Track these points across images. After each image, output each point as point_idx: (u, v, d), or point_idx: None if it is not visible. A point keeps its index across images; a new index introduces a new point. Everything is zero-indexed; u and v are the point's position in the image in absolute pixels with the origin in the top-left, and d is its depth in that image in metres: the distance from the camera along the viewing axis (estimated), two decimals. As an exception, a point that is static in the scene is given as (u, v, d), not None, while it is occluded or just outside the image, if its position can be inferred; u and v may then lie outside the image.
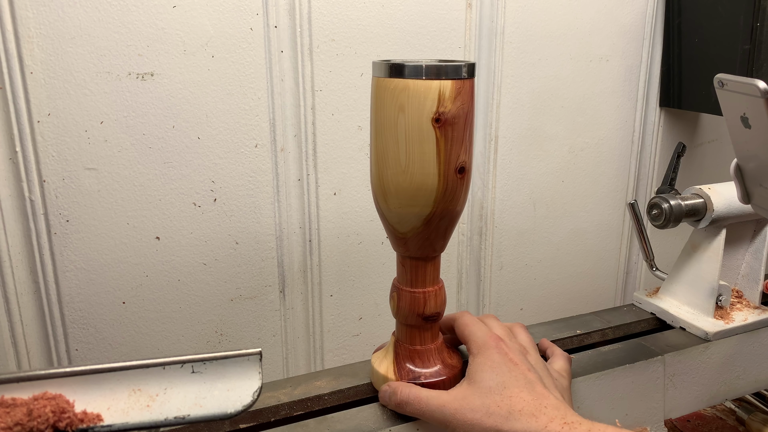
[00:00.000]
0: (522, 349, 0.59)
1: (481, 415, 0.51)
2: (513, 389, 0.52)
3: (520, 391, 0.52)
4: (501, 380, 0.53)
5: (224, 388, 0.45)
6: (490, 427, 0.50)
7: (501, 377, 0.53)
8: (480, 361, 0.55)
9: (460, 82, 0.52)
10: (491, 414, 0.51)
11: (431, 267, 0.60)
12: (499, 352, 0.55)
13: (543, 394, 0.52)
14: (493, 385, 0.52)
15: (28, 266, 0.71)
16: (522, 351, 0.58)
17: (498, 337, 0.57)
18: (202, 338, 0.81)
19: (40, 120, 0.67)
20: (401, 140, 0.53)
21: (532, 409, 0.50)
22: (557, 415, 0.50)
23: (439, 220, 0.56)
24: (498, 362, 0.54)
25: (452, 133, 0.53)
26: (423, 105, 0.52)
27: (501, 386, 0.52)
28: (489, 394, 0.52)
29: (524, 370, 0.54)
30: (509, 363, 0.54)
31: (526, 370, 0.54)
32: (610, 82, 1.00)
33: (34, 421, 0.41)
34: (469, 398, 0.52)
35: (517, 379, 0.53)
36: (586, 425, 0.49)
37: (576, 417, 0.50)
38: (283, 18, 0.75)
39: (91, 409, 0.43)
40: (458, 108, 0.53)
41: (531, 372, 0.54)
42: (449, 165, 0.54)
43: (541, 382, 0.54)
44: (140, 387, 0.44)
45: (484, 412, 0.51)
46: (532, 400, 0.51)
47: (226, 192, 0.78)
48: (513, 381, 0.53)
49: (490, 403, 0.51)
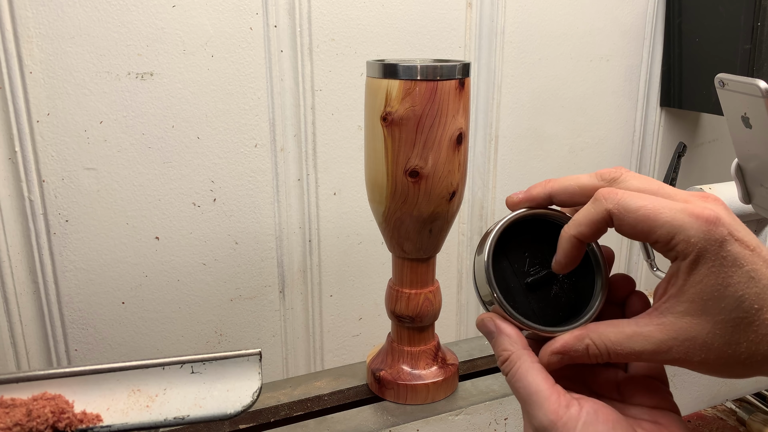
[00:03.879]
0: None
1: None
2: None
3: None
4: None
5: (224, 389, 0.45)
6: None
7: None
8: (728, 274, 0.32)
9: (410, 83, 0.51)
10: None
11: (424, 268, 0.59)
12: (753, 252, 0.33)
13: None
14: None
15: (27, 266, 0.71)
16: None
17: (717, 218, 0.33)
18: (201, 338, 0.81)
19: (39, 120, 0.67)
20: (368, 135, 0.55)
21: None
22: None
23: (399, 221, 0.56)
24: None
25: (400, 134, 0.52)
26: (374, 102, 0.53)
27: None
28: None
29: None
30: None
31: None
32: (611, 82, 0.99)
33: (34, 421, 0.41)
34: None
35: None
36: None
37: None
38: (282, 17, 0.75)
39: (90, 410, 0.43)
40: (407, 110, 0.52)
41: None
42: (397, 166, 0.53)
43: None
44: (140, 387, 0.44)
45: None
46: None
47: (225, 192, 0.78)
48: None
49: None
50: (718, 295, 0.32)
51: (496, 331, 0.38)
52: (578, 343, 0.36)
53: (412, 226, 0.56)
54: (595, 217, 0.35)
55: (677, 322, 0.34)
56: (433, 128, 0.52)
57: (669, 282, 0.35)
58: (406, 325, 0.61)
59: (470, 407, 0.61)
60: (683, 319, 0.34)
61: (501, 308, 0.38)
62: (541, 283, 0.39)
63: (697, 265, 0.33)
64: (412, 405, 0.61)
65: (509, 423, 0.63)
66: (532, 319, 0.38)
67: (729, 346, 0.33)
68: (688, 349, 0.33)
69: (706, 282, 0.33)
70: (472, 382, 0.65)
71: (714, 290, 0.33)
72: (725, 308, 0.32)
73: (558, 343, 0.37)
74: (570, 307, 0.39)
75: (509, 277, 0.39)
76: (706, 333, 0.33)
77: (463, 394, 0.63)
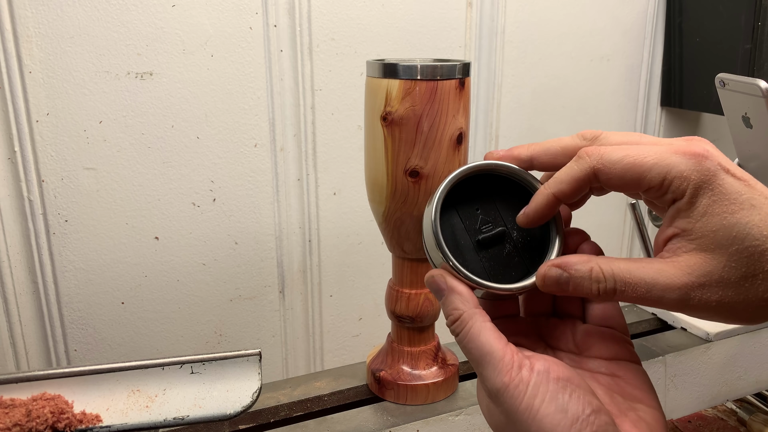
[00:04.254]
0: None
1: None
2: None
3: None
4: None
5: (223, 389, 0.45)
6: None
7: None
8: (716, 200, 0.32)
9: (410, 83, 0.51)
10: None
11: (425, 268, 0.59)
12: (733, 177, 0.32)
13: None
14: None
15: (26, 266, 0.71)
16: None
17: (706, 152, 0.33)
18: (201, 339, 0.81)
19: (38, 120, 0.67)
20: (368, 135, 0.55)
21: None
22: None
23: (399, 221, 0.56)
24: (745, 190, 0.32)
25: (400, 134, 0.52)
26: (374, 102, 0.53)
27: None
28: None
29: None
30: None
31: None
32: (611, 82, 0.99)
33: (33, 421, 0.41)
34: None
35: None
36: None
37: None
38: (282, 17, 0.75)
39: (90, 410, 0.43)
40: (407, 109, 0.52)
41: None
42: (397, 166, 0.53)
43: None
44: (139, 388, 0.44)
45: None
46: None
47: (225, 192, 0.77)
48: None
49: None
50: (726, 223, 0.31)
51: (447, 290, 0.36)
52: (582, 263, 0.34)
53: (412, 226, 0.56)
54: (579, 175, 0.34)
55: (691, 259, 0.32)
56: (433, 128, 0.52)
57: (671, 224, 0.33)
58: (406, 326, 0.61)
59: (470, 407, 0.61)
60: (697, 256, 0.32)
61: (449, 265, 0.36)
62: (492, 241, 0.37)
63: (698, 198, 0.32)
64: (412, 405, 0.60)
65: (509, 423, 0.63)
66: (483, 277, 0.36)
67: (746, 279, 0.31)
68: (704, 285, 0.32)
69: (711, 212, 0.32)
70: (473, 382, 0.65)
71: (722, 219, 0.31)
72: (737, 237, 0.31)
73: (560, 258, 0.35)
74: (523, 266, 0.38)
75: (459, 233, 0.37)
76: (722, 266, 0.31)
77: (463, 394, 0.63)
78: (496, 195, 0.38)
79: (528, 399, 0.32)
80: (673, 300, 0.32)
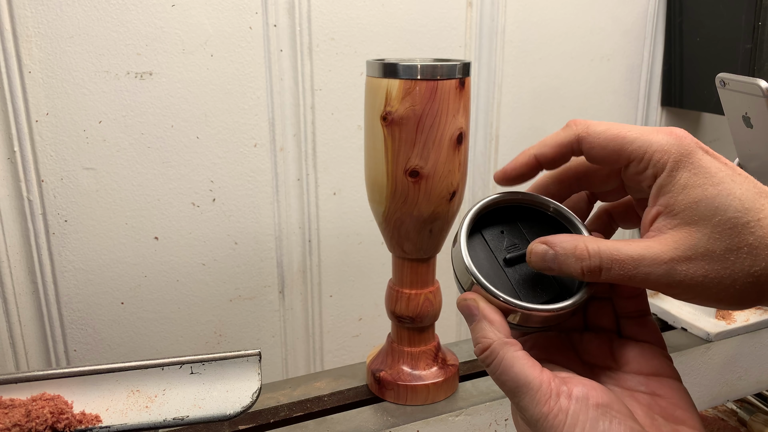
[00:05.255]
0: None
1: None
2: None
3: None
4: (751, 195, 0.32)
5: (223, 389, 0.45)
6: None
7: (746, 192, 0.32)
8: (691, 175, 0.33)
9: (410, 83, 0.51)
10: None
11: (425, 268, 0.59)
12: (709, 154, 0.34)
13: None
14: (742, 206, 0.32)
15: (26, 266, 0.71)
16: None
17: (685, 134, 0.35)
18: (200, 339, 0.81)
19: (38, 119, 0.67)
20: (368, 135, 0.55)
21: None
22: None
23: (399, 221, 0.56)
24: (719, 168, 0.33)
25: (400, 134, 0.52)
26: (374, 102, 0.53)
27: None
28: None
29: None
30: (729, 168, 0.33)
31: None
32: (612, 82, 0.99)
33: (33, 422, 0.41)
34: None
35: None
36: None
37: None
38: (282, 17, 0.75)
39: (89, 410, 0.43)
40: (407, 109, 0.52)
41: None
42: (397, 166, 0.53)
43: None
44: (139, 388, 0.44)
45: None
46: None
47: (225, 192, 0.77)
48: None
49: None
50: (708, 194, 0.32)
51: (479, 316, 0.35)
52: (567, 241, 0.34)
53: (412, 226, 0.56)
54: (563, 140, 0.35)
55: (676, 234, 0.33)
56: (434, 128, 0.52)
57: (654, 204, 0.34)
58: (406, 326, 0.61)
59: (470, 408, 0.61)
60: (682, 230, 0.32)
61: (483, 288, 0.35)
62: (520, 260, 0.37)
63: (678, 171, 0.33)
64: (412, 406, 0.60)
65: (509, 424, 0.63)
66: (516, 298, 0.35)
67: (731, 252, 0.31)
68: (690, 259, 0.32)
69: (692, 184, 0.32)
70: (473, 382, 0.65)
71: (703, 190, 0.32)
72: (719, 208, 0.32)
73: (547, 237, 0.35)
74: (555, 287, 0.37)
75: (487, 256, 0.37)
76: (707, 238, 0.32)
77: (463, 394, 0.63)
78: (518, 219, 0.39)
79: (568, 428, 0.31)
80: (659, 276, 0.32)
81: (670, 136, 0.34)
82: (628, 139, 0.34)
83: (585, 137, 0.35)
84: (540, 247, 0.35)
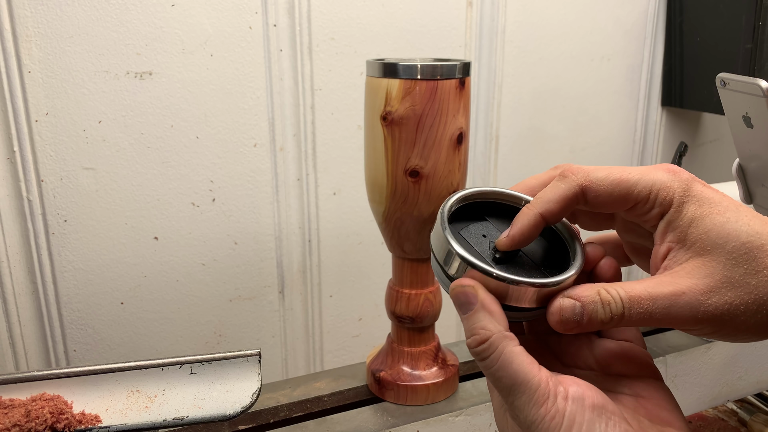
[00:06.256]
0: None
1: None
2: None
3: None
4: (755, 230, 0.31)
5: (223, 390, 0.45)
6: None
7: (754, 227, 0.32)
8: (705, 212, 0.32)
9: (410, 83, 0.51)
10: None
11: (425, 268, 0.59)
12: (714, 191, 0.34)
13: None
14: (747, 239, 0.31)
15: (26, 267, 0.71)
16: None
17: (679, 169, 0.35)
18: (200, 339, 0.81)
19: (38, 119, 0.67)
20: (368, 135, 0.55)
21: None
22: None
23: (399, 221, 0.56)
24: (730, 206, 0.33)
25: (400, 134, 0.52)
26: (374, 102, 0.53)
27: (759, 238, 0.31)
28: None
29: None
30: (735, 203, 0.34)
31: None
32: (612, 82, 0.99)
33: (33, 422, 0.40)
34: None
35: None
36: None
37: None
38: (282, 17, 0.75)
39: (89, 410, 0.43)
40: (407, 109, 0.51)
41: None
42: (397, 165, 0.53)
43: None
44: (139, 388, 0.44)
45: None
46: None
47: (224, 192, 0.77)
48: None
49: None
50: (717, 222, 0.31)
51: (478, 305, 0.32)
52: (592, 291, 0.32)
53: (412, 226, 0.56)
54: (567, 193, 0.33)
55: (690, 266, 0.32)
56: (434, 128, 0.52)
57: (663, 241, 0.33)
58: (406, 326, 0.60)
59: (470, 408, 0.61)
60: (696, 261, 0.31)
61: (480, 271, 0.32)
62: (509, 257, 0.35)
63: (684, 206, 0.32)
64: (412, 406, 0.60)
65: (510, 424, 0.63)
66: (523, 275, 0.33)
67: (752, 276, 0.30)
68: (712, 289, 0.31)
69: (700, 216, 0.32)
70: (473, 382, 0.65)
71: (711, 220, 0.32)
72: (731, 234, 0.31)
73: (570, 290, 0.32)
74: (542, 271, 0.35)
75: (473, 252, 0.34)
76: (722, 266, 0.31)
77: (463, 395, 0.63)
78: (487, 215, 0.37)
79: (564, 431, 0.31)
80: (682, 309, 0.31)
81: (668, 172, 0.33)
82: (631, 181, 0.33)
83: (589, 186, 0.33)
84: (567, 302, 0.32)
